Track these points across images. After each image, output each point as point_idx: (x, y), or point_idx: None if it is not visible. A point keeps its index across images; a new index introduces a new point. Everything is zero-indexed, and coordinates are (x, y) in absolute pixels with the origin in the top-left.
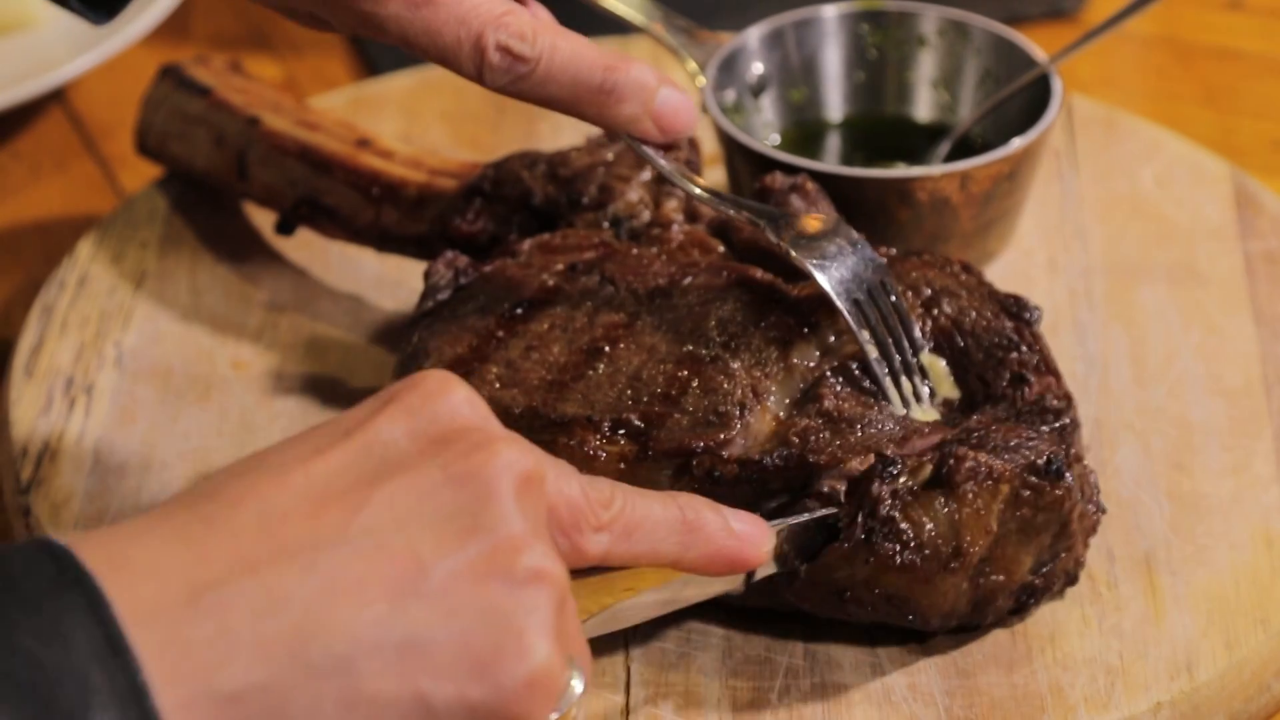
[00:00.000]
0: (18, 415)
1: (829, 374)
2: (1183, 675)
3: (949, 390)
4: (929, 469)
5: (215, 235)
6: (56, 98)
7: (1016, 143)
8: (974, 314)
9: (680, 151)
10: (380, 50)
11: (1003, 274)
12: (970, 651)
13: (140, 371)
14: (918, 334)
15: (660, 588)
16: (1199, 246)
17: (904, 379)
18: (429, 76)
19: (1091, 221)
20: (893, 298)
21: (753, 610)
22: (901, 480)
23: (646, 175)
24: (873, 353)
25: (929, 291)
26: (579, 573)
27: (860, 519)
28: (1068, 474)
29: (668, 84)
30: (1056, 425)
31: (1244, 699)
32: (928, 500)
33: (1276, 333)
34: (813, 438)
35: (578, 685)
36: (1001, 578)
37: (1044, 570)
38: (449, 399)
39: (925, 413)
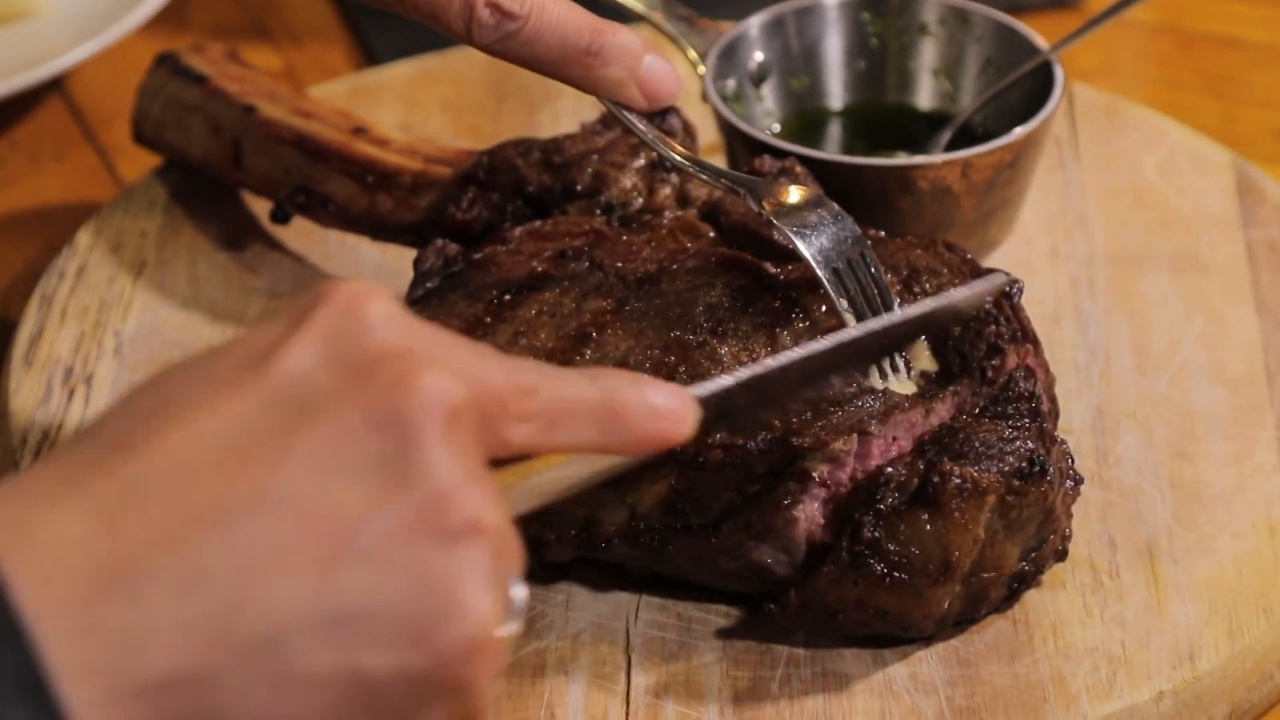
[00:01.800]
0: (17, 405)
1: None
2: (1185, 664)
3: (926, 363)
4: (914, 483)
5: (215, 224)
6: (55, 87)
7: (1018, 131)
8: (953, 290)
9: (675, 138)
10: (380, 40)
11: (1004, 263)
12: (972, 641)
13: (140, 361)
14: (896, 306)
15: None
16: (1201, 235)
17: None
18: (429, 66)
19: (1093, 210)
20: (872, 269)
21: (750, 595)
22: (886, 501)
23: (640, 162)
24: (851, 322)
25: (910, 269)
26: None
27: (846, 542)
28: (1050, 468)
29: (653, 51)
30: (1030, 409)
31: (1246, 688)
32: (913, 518)
33: (1279, 321)
34: (794, 420)
35: (519, 593)
36: (992, 574)
37: (1032, 555)
38: (365, 316)
39: (902, 384)
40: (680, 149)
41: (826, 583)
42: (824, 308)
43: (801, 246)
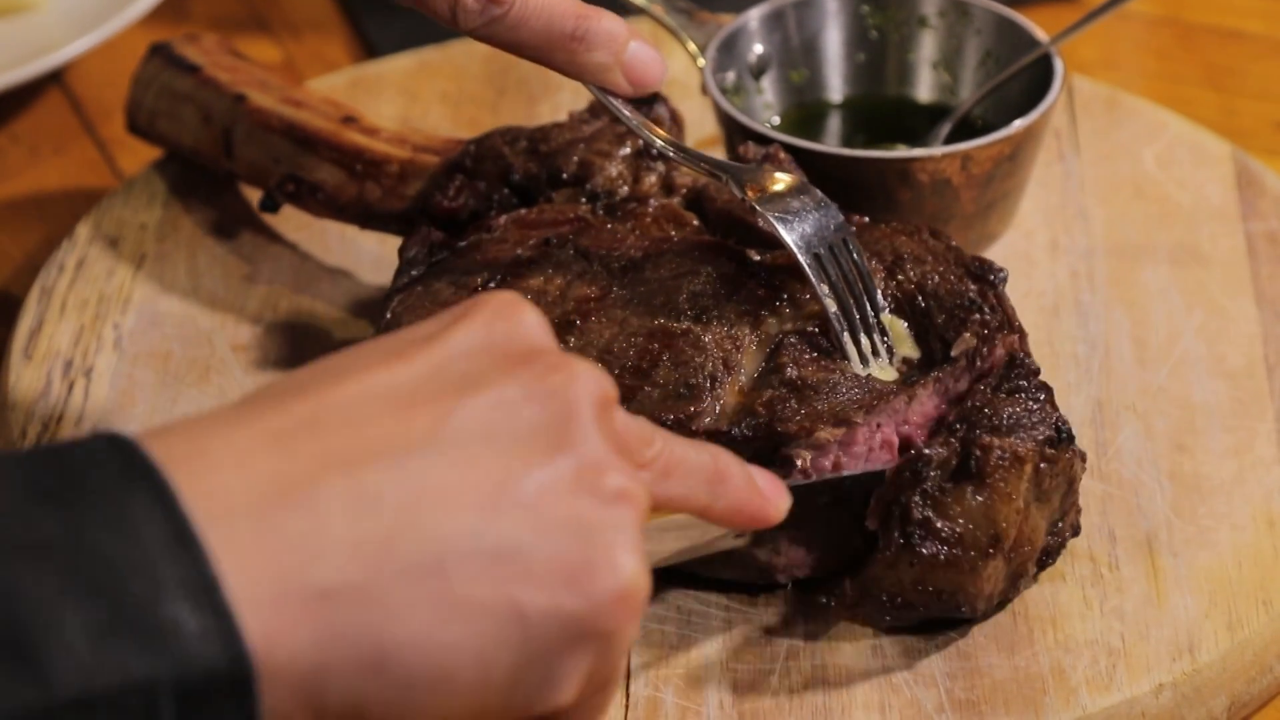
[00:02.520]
0: (17, 398)
1: (789, 341)
2: (1184, 657)
3: (909, 349)
4: (953, 462)
5: (214, 217)
6: (55, 80)
7: (1018, 124)
8: (937, 277)
9: (662, 128)
10: (379, 32)
11: (1004, 255)
12: (971, 633)
13: (139, 354)
14: (879, 293)
15: (680, 521)
16: (1201, 228)
17: (863, 336)
18: (428, 59)
19: (1093, 203)
20: (855, 255)
21: (749, 586)
22: (931, 480)
23: (626, 151)
24: (831, 307)
25: (894, 256)
26: None
27: (897, 525)
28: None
29: (638, 38)
30: (1041, 383)
31: (1246, 680)
32: (959, 493)
33: (1278, 314)
34: (779, 407)
35: None
36: (1028, 549)
37: (1058, 527)
38: (521, 318)
39: (884, 370)
40: (664, 135)
41: (882, 569)
42: (808, 295)
43: (783, 232)
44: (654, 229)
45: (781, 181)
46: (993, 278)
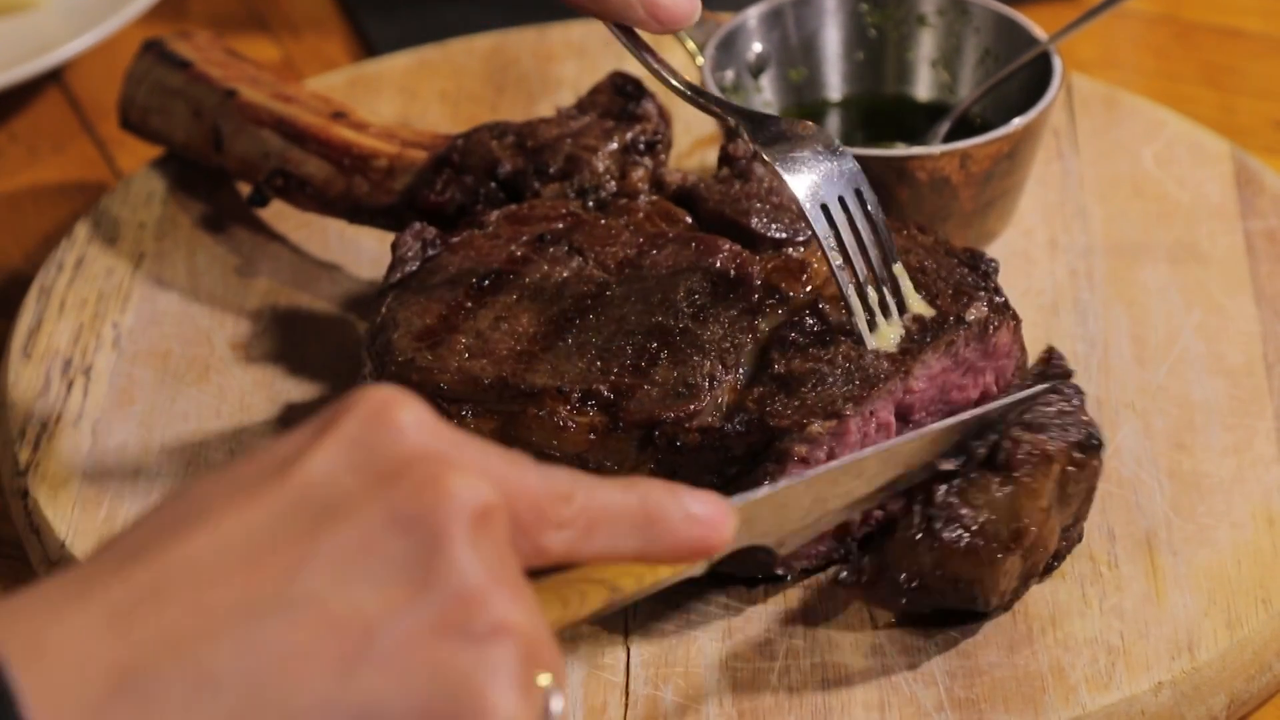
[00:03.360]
0: (16, 397)
1: (780, 335)
2: (1184, 655)
3: (919, 306)
4: (982, 451)
5: (213, 216)
6: (54, 79)
7: (1016, 122)
8: (933, 264)
9: (649, 124)
10: (378, 31)
11: (1003, 253)
12: (971, 632)
13: (138, 353)
14: (891, 243)
15: (624, 589)
16: (1200, 226)
17: (870, 290)
18: (427, 57)
19: (1092, 201)
20: (868, 206)
21: (749, 581)
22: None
23: (613, 146)
24: (836, 259)
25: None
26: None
27: (919, 508)
28: (1106, 444)
29: None
30: (1074, 385)
31: (1245, 679)
32: (984, 483)
33: (1278, 312)
34: (770, 403)
35: (557, 705)
36: (1043, 550)
37: (1067, 533)
38: (393, 423)
39: (892, 326)
40: (682, 77)
41: (902, 549)
42: (806, 290)
43: (788, 180)
44: (647, 225)
45: (796, 128)
46: (984, 266)
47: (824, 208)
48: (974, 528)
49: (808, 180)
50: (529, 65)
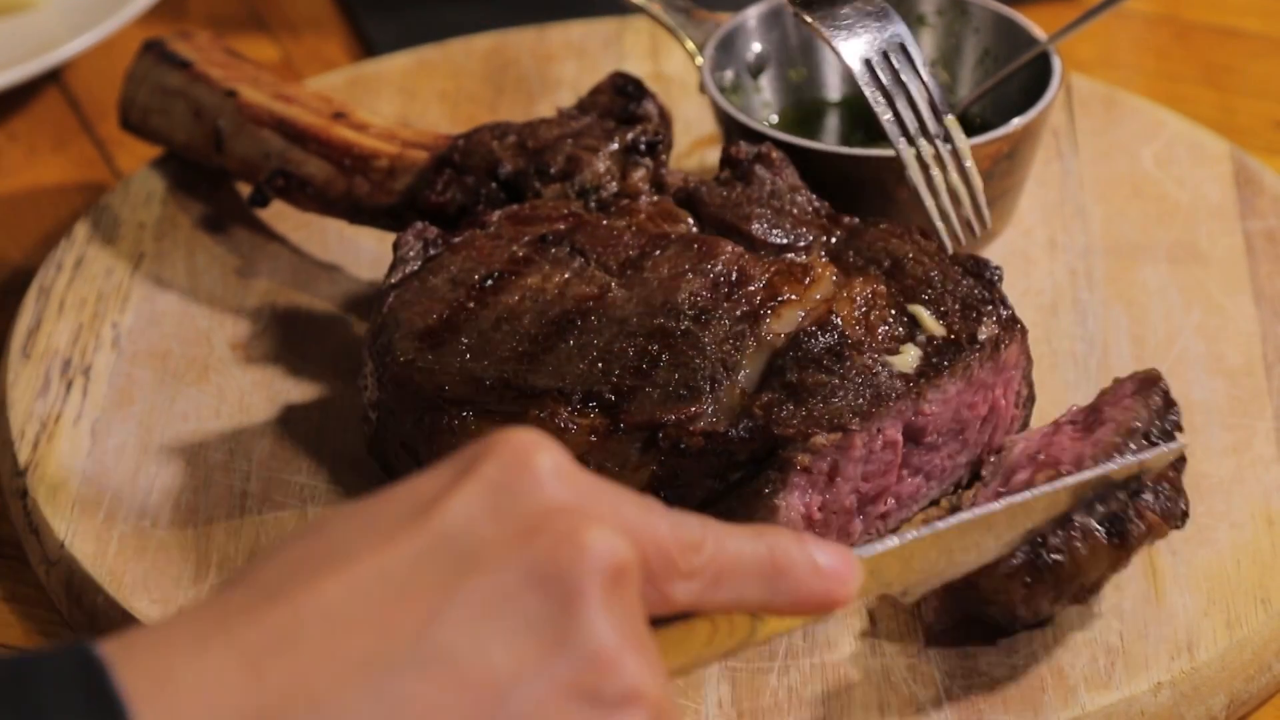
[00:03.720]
0: (15, 397)
1: (790, 342)
2: (1183, 655)
3: (934, 328)
4: (1102, 512)
5: (213, 216)
6: (53, 78)
7: (1016, 122)
8: (938, 274)
9: (650, 124)
10: (378, 31)
11: (1002, 253)
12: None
13: (138, 353)
14: (940, 95)
15: (745, 639)
16: (1199, 226)
17: (922, 142)
18: (427, 57)
19: (1092, 201)
20: (914, 60)
21: None
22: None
23: (614, 146)
24: (885, 114)
25: (891, 259)
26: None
27: (1031, 550)
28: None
29: None
30: (1181, 450)
31: (1245, 678)
32: (1095, 543)
33: (1277, 312)
34: (776, 410)
35: None
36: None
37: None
38: (532, 469)
39: (907, 350)
40: None
41: (998, 582)
42: (805, 284)
43: (830, 37)
44: (649, 226)
45: None
46: (989, 274)
47: (868, 64)
48: (1064, 573)
49: (849, 39)
50: (529, 65)
